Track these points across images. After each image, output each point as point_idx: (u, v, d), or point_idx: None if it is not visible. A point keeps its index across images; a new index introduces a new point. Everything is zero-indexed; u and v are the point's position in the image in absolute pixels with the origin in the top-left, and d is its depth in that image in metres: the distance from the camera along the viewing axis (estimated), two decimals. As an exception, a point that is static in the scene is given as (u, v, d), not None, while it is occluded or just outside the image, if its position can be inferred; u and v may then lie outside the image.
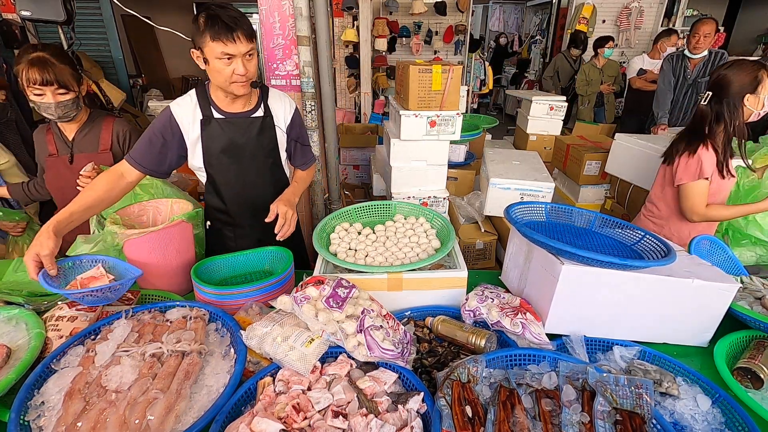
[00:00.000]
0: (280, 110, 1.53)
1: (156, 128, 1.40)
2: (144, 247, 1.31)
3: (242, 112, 1.46)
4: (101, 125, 1.69)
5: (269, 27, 2.43)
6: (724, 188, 1.78)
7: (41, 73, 1.43)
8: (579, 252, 1.01)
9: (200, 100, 1.44)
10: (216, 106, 1.44)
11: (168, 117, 1.40)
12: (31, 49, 1.46)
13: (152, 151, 1.40)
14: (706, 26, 3.22)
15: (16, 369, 0.95)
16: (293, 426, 0.80)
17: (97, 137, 1.68)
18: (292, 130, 1.58)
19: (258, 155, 1.52)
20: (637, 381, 0.84)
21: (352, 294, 1.06)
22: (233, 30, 1.22)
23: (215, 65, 1.28)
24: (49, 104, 1.48)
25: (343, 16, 6.54)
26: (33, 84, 1.43)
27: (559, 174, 3.53)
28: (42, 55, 1.44)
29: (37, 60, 1.43)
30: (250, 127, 1.47)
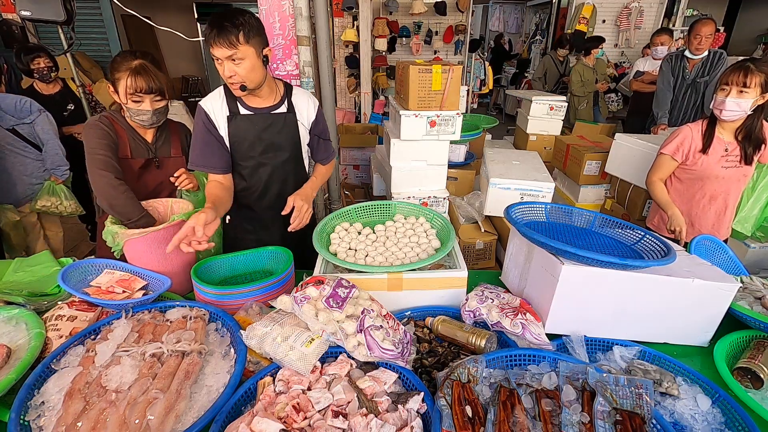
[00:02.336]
0: (303, 107, 1.59)
1: (200, 130, 1.49)
2: (144, 247, 1.31)
3: (266, 107, 1.52)
4: (170, 129, 1.68)
5: (269, 27, 2.43)
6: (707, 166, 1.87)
7: (147, 82, 1.43)
8: (579, 252, 1.01)
9: (227, 96, 1.50)
10: (242, 102, 1.50)
11: (204, 115, 1.48)
12: (130, 56, 1.45)
13: (214, 149, 1.49)
14: (707, 27, 3.23)
15: (16, 369, 0.95)
16: (293, 426, 0.80)
17: (169, 141, 1.67)
18: (315, 127, 1.64)
19: (281, 150, 1.58)
20: (637, 381, 0.84)
21: (352, 294, 1.06)
22: (218, 35, 1.29)
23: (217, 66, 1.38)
24: (147, 111, 1.48)
25: (343, 16, 6.54)
26: (137, 92, 1.43)
27: (559, 174, 3.53)
28: (144, 63, 1.44)
29: (141, 68, 1.43)
30: (274, 122, 1.53)
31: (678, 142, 1.90)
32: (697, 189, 1.94)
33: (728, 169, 1.85)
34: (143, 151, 1.60)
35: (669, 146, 1.92)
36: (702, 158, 1.86)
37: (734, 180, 1.89)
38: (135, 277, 1.29)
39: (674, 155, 1.91)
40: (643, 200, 2.76)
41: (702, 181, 1.91)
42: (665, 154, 1.94)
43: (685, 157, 1.90)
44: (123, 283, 1.25)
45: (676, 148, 1.91)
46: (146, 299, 1.19)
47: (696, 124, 1.91)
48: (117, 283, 1.24)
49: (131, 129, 1.57)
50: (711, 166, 1.86)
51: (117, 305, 1.16)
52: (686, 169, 1.93)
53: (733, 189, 1.93)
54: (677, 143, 1.90)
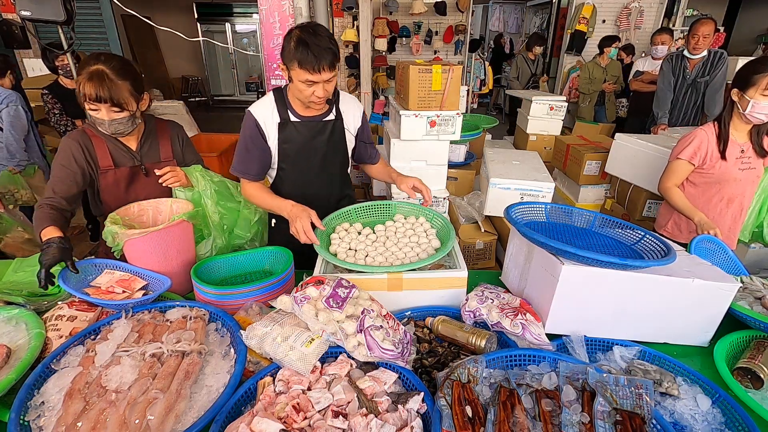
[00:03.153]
0: (350, 114, 1.62)
1: (246, 136, 1.53)
2: (144, 247, 1.31)
3: (316, 116, 1.56)
4: (157, 133, 1.60)
5: (269, 27, 2.43)
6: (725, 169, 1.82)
7: (96, 89, 1.33)
8: (579, 252, 1.01)
9: (278, 104, 1.53)
10: (293, 110, 1.53)
11: (253, 122, 1.52)
12: (93, 60, 1.36)
13: (256, 156, 1.54)
14: (705, 27, 3.22)
15: (16, 369, 0.95)
16: (293, 426, 0.80)
17: (157, 146, 1.60)
18: (361, 133, 1.68)
19: (328, 156, 1.62)
20: (637, 381, 0.84)
21: (352, 294, 1.06)
22: (319, 62, 1.31)
23: (298, 86, 1.38)
24: (103, 121, 1.39)
25: (343, 16, 6.55)
26: (88, 99, 1.34)
27: (559, 174, 3.53)
28: (101, 69, 1.34)
29: (96, 74, 1.33)
30: (322, 129, 1.57)
31: (695, 146, 1.83)
32: (714, 193, 1.89)
33: (744, 171, 1.83)
34: (127, 159, 1.53)
35: (685, 151, 1.85)
36: (719, 162, 1.82)
37: (749, 181, 1.88)
38: (135, 277, 1.29)
39: (691, 160, 1.85)
40: (644, 200, 2.76)
41: (720, 184, 1.86)
42: (681, 160, 1.87)
43: (702, 161, 1.84)
44: (123, 283, 1.25)
45: (693, 152, 1.84)
46: (146, 299, 1.19)
47: (708, 126, 1.85)
48: (117, 283, 1.24)
49: (112, 138, 1.49)
50: (729, 169, 1.82)
51: (117, 305, 1.16)
52: (702, 173, 1.88)
53: (748, 191, 1.91)
54: (694, 148, 1.84)
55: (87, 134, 1.48)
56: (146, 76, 8.32)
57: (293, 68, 1.35)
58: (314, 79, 1.34)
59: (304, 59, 1.30)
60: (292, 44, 1.32)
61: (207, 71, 11.04)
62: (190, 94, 10.36)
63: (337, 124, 1.59)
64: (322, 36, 1.31)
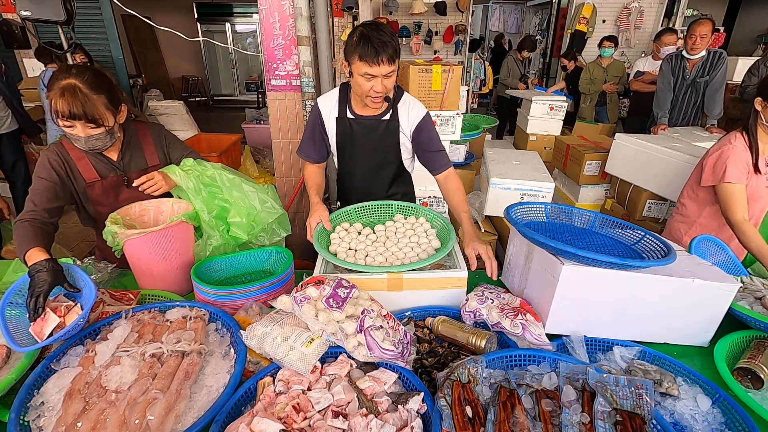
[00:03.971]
0: (405, 117, 1.61)
1: (310, 123, 1.66)
2: (144, 247, 1.31)
3: (372, 115, 1.61)
4: (139, 138, 1.55)
5: (269, 27, 2.43)
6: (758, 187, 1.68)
7: (69, 106, 1.24)
8: (579, 252, 1.01)
9: (340, 99, 1.61)
10: (351, 108, 1.61)
11: (317, 113, 1.64)
12: (64, 74, 1.26)
13: (315, 143, 1.67)
14: (702, 27, 3.22)
15: (16, 369, 0.95)
16: (293, 426, 0.80)
17: (141, 153, 1.55)
18: (418, 136, 1.62)
19: (377, 154, 1.67)
20: (637, 381, 0.84)
21: (352, 294, 1.06)
22: (379, 54, 1.34)
23: (357, 80, 1.42)
24: (79, 137, 1.31)
25: (343, 16, 6.54)
26: (61, 116, 1.26)
27: (559, 174, 3.53)
28: (73, 83, 1.25)
29: (68, 89, 1.24)
30: (375, 128, 1.62)
31: (743, 165, 1.64)
32: None
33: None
34: (109, 170, 1.49)
35: (734, 173, 1.63)
36: (753, 177, 1.66)
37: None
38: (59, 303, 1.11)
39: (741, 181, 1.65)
40: (644, 200, 2.77)
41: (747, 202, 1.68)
42: (737, 184, 1.63)
43: None
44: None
45: (742, 172, 1.64)
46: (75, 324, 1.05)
47: (738, 139, 1.68)
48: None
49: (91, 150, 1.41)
50: (760, 187, 1.68)
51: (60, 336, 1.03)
52: None
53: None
54: (743, 166, 1.64)
55: (65, 148, 1.43)
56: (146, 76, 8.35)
57: (354, 62, 1.39)
58: (373, 72, 1.37)
59: (364, 52, 1.34)
60: (354, 39, 1.37)
61: (207, 71, 11.04)
62: (190, 94, 10.36)
63: (392, 124, 1.61)
64: (383, 32, 1.35)
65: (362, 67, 1.37)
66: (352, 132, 1.63)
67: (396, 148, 1.68)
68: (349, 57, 1.41)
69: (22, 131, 3.54)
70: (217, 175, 1.49)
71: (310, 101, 2.47)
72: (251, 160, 4.08)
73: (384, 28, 1.37)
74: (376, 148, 1.66)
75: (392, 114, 1.60)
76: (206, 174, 1.49)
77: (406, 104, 1.61)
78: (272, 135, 2.75)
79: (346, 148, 1.67)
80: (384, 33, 1.35)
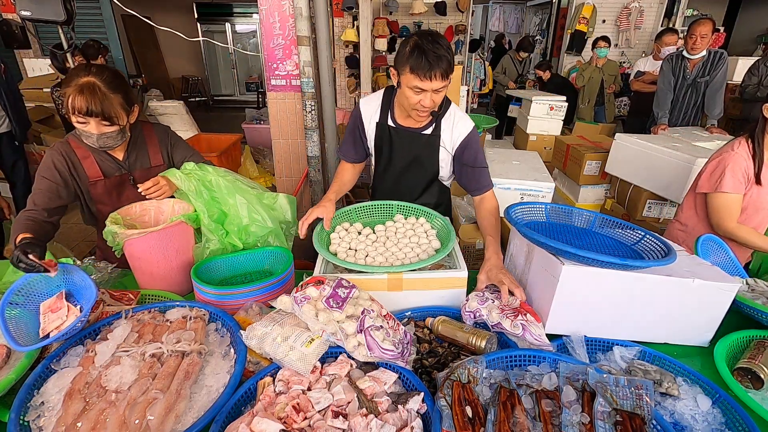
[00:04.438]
0: (448, 132, 1.54)
1: (351, 123, 1.64)
2: (144, 247, 1.31)
3: (414, 128, 1.55)
4: (144, 138, 1.57)
5: (269, 27, 2.43)
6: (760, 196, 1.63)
7: (87, 103, 1.27)
8: (579, 252, 1.01)
9: (383, 104, 1.57)
10: (393, 116, 1.56)
11: (358, 115, 1.62)
12: (83, 72, 1.30)
13: (354, 144, 1.66)
14: (702, 27, 3.22)
15: (16, 369, 0.95)
16: (293, 426, 0.80)
17: (146, 152, 1.56)
18: (461, 153, 1.55)
19: (413, 166, 1.63)
20: (637, 382, 0.84)
21: (353, 294, 1.06)
22: (432, 68, 1.27)
23: (405, 91, 1.36)
24: (91, 134, 1.34)
25: (343, 16, 6.54)
26: (78, 113, 1.29)
27: (559, 174, 3.53)
28: (93, 81, 1.29)
29: (87, 87, 1.28)
30: (415, 140, 1.56)
31: (741, 174, 1.60)
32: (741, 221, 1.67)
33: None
34: (114, 169, 1.51)
35: (731, 183, 1.60)
36: (753, 188, 1.62)
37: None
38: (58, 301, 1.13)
39: (738, 191, 1.62)
40: (644, 200, 2.77)
41: (746, 212, 1.66)
42: (732, 194, 1.61)
43: None
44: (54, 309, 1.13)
45: (741, 182, 1.60)
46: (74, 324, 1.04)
47: (742, 146, 1.62)
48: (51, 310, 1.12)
49: (97, 149, 1.45)
50: (762, 198, 1.63)
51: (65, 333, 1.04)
52: None
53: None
54: (741, 176, 1.60)
55: (71, 146, 1.45)
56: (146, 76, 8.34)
57: (404, 73, 1.32)
58: (423, 87, 1.30)
59: (417, 65, 1.27)
60: (407, 49, 1.30)
61: (207, 71, 11.05)
62: (190, 94, 10.37)
63: (432, 139, 1.54)
64: (439, 44, 1.28)
65: (412, 80, 1.30)
66: (390, 140, 1.59)
67: (434, 162, 1.61)
68: (400, 66, 1.34)
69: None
70: (214, 181, 1.48)
71: (311, 101, 2.47)
72: (251, 160, 4.08)
73: (440, 40, 1.29)
74: (412, 160, 1.61)
75: (435, 128, 1.53)
76: (206, 179, 1.48)
77: (451, 118, 1.53)
78: (272, 135, 2.75)
79: (382, 153, 1.65)
80: (440, 46, 1.27)
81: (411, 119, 1.52)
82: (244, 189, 1.49)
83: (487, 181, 1.56)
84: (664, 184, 2.60)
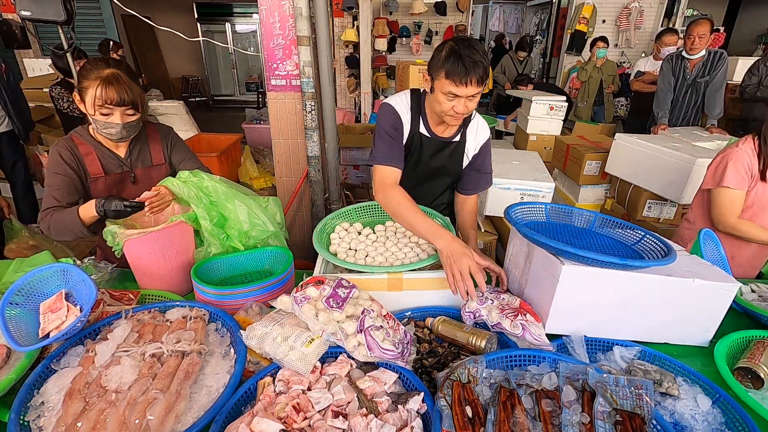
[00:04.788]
0: (472, 139, 1.56)
1: (388, 127, 1.47)
2: (144, 247, 1.31)
3: (445, 137, 1.53)
4: (147, 136, 1.59)
5: (269, 27, 2.43)
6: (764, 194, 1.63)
7: (119, 93, 1.33)
8: (579, 252, 1.01)
9: (413, 108, 1.50)
10: (426, 122, 1.51)
11: (394, 114, 1.48)
12: (102, 65, 1.35)
13: (398, 147, 1.49)
14: (700, 27, 3.22)
15: (16, 369, 0.95)
16: (293, 426, 0.80)
17: (147, 150, 1.58)
18: (476, 157, 1.58)
19: (442, 175, 1.62)
20: (637, 381, 0.84)
21: (353, 294, 1.06)
22: (468, 74, 1.25)
23: (438, 97, 1.33)
24: (116, 124, 1.37)
25: (343, 16, 6.55)
26: (108, 103, 1.33)
27: (559, 174, 3.53)
28: (116, 72, 1.35)
29: (113, 78, 1.33)
30: (444, 149, 1.55)
31: (744, 170, 1.60)
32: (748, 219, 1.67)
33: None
34: (116, 166, 1.53)
35: (734, 179, 1.61)
36: (759, 185, 1.62)
37: None
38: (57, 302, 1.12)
39: (741, 186, 1.63)
40: (644, 200, 2.77)
41: (752, 210, 1.66)
42: (735, 190, 1.61)
43: None
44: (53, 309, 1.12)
45: (743, 178, 1.61)
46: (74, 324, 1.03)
47: (747, 143, 1.63)
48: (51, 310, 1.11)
49: (100, 145, 1.49)
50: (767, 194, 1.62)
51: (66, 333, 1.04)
52: None
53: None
54: (744, 172, 1.60)
55: (74, 142, 1.47)
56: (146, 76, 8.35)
57: (439, 78, 1.30)
58: (458, 93, 1.28)
59: (452, 70, 1.25)
60: (443, 54, 1.28)
61: (207, 71, 11.05)
62: (190, 94, 10.37)
63: (459, 147, 1.55)
64: (476, 50, 1.26)
65: (447, 86, 1.28)
66: (421, 149, 1.54)
67: (458, 170, 1.62)
68: (434, 72, 1.32)
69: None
70: (211, 187, 1.46)
71: (311, 101, 2.47)
72: (251, 160, 4.08)
73: (476, 45, 1.27)
74: (438, 169, 1.60)
75: (461, 136, 1.55)
76: (202, 185, 1.46)
77: (475, 125, 1.55)
78: (272, 135, 2.75)
79: (408, 164, 1.56)
80: (476, 52, 1.25)
81: (441, 127, 1.50)
82: (241, 194, 1.49)
83: (486, 185, 1.61)
84: (664, 184, 2.60)
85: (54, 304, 1.10)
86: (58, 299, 1.12)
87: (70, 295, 1.17)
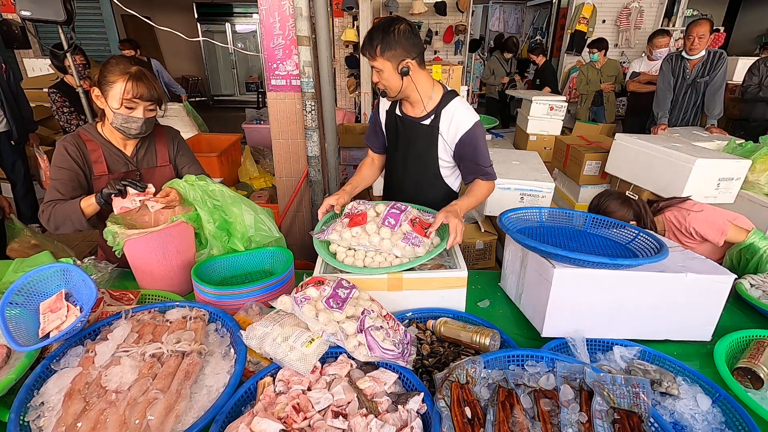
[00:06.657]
0: (446, 123, 1.57)
1: (374, 113, 1.78)
2: (144, 247, 1.31)
3: (415, 117, 1.63)
4: (154, 136, 1.60)
5: (269, 27, 2.43)
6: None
7: (147, 88, 1.39)
8: (569, 254, 1.01)
9: None
10: (400, 105, 1.68)
11: (377, 105, 1.77)
12: (127, 62, 1.40)
13: (376, 132, 1.78)
14: (700, 27, 3.22)
15: (16, 369, 0.95)
16: (293, 426, 0.80)
17: (153, 150, 1.60)
18: (460, 148, 1.59)
19: (414, 157, 1.69)
20: (633, 380, 0.84)
21: (353, 294, 1.07)
22: (363, 48, 1.46)
23: None
24: (138, 119, 1.41)
25: (343, 16, 6.54)
26: (136, 97, 1.37)
27: (559, 174, 3.53)
28: (142, 69, 1.41)
29: (139, 74, 1.38)
30: (414, 130, 1.64)
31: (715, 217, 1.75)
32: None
33: None
34: (121, 165, 1.53)
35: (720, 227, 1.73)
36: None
37: None
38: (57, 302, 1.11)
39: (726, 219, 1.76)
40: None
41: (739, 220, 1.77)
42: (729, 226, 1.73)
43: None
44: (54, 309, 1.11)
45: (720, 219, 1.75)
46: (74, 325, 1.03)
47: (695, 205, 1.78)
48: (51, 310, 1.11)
49: (107, 143, 1.50)
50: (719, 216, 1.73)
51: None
52: None
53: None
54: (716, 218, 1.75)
55: (82, 139, 1.47)
56: (146, 76, 8.34)
57: None
58: (371, 63, 1.46)
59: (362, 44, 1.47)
60: None
61: (207, 71, 11.05)
62: (191, 94, 10.37)
63: (430, 129, 1.59)
64: (376, 27, 1.43)
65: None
66: (396, 129, 1.69)
67: (433, 156, 1.64)
68: None
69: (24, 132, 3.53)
70: (218, 191, 1.47)
71: (311, 101, 2.47)
72: (251, 160, 4.08)
73: (382, 23, 1.42)
74: (413, 151, 1.68)
75: (433, 119, 1.58)
76: (208, 189, 1.47)
77: (450, 111, 1.56)
78: (272, 135, 2.75)
79: (391, 144, 1.76)
80: (375, 29, 1.42)
81: (415, 107, 1.61)
82: (247, 200, 1.51)
83: (483, 172, 1.59)
84: (663, 184, 2.59)
85: (54, 304, 1.10)
86: (58, 299, 1.12)
87: (71, 295, 1.17)
